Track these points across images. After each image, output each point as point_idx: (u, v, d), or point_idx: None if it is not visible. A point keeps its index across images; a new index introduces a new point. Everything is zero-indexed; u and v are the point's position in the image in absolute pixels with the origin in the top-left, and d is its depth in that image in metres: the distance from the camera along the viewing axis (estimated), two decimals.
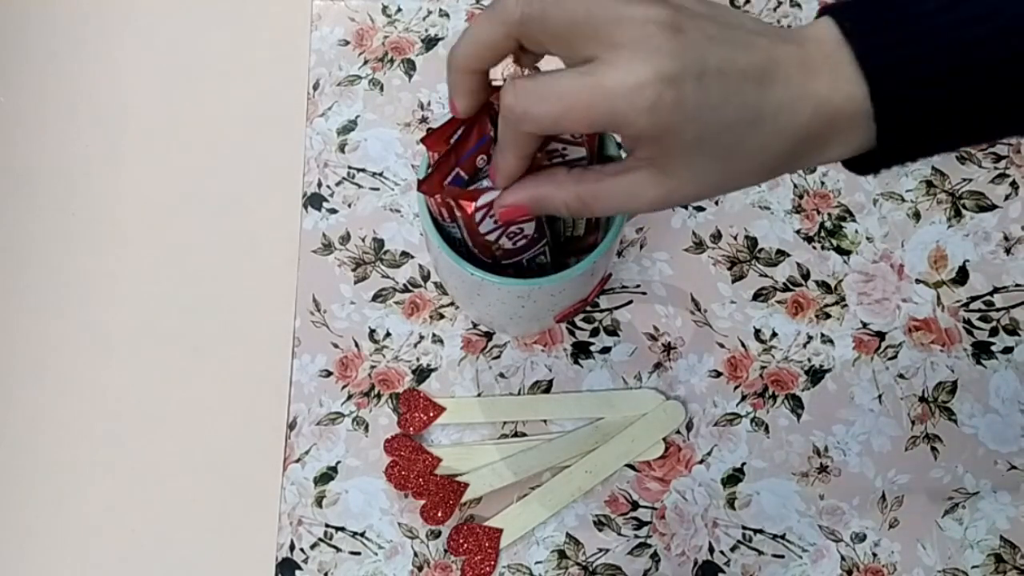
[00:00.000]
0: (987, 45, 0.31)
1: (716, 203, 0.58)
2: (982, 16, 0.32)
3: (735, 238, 0.58)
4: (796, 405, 0.54)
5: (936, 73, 0.32)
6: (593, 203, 0.36)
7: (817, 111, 0.33)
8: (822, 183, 0.59)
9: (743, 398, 0.55)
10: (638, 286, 0.57)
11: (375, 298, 0.57)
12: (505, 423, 0.54)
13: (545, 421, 0.54)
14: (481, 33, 0.36)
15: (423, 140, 0.43)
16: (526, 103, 0.33)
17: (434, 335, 0.56)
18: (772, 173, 0.35)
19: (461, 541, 0.51)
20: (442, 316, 0.56)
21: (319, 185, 0.59)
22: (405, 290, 0.57)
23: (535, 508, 0.52)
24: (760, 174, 0.35)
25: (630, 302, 0.57)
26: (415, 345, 0.56)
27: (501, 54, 0.36)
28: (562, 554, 0.52)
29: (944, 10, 0.32)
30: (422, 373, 0.55)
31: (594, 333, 0.56)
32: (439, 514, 0.51)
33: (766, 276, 0.57)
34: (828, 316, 0.56)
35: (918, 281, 0.57)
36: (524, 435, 0.54)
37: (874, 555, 0.52)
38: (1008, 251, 0.57)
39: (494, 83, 0.39)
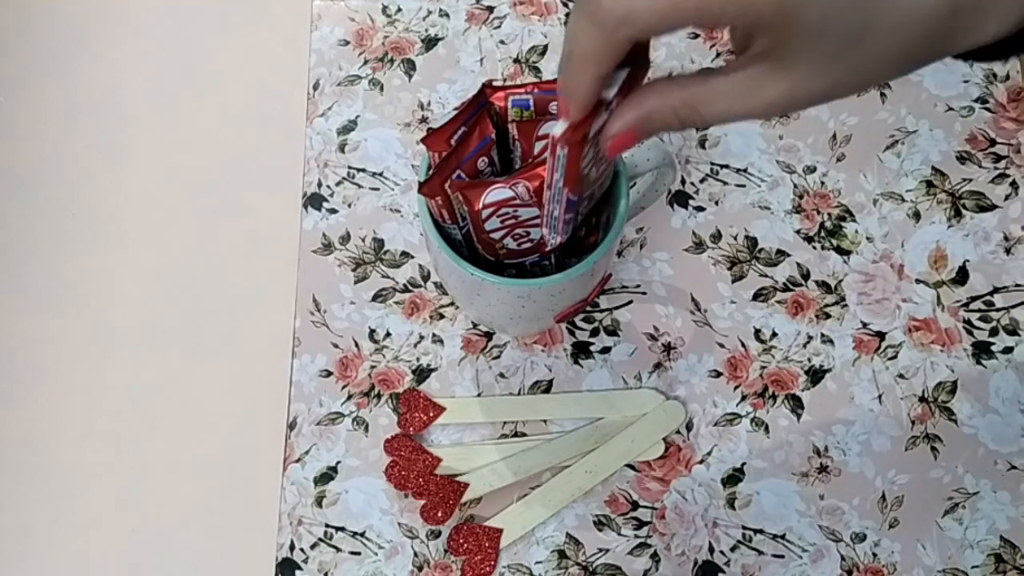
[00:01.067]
0: None
1: (716, 203, 0.58)
2: None
3: (735, 238, 0.58)
4: (796, 405, 0.54)
5: None
6: (705, 106, 0.31)
7: None
8: (822, 183, 0.59)
9: (743, 398, 0.55)
10: (638, 286, 0.57)
11: (375, 298, 0.57)
12: (505, 423, 0.54)
13: (545, 421, 0.54)
14: (586, 48, 0.31)
15: (423, 140, 0.43)
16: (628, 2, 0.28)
17: (434, 335, 0.56)
18: (915, 61, 0.30)
19: (461, 541, 0.51)
20: (442, 316, 0.56)
21: (319, 185, 0.59)
22: (405, 290, 0.57)
23: (535, 508, 0.52)
24: (901, 61, 0.30)
25: (630, 302, 0.57)
26: (415, 345, 0.56)
27: (618, 57, 0.31)
28: (562, 554, 0.52)
29: None
30: (422, 373, 0.55)
31: (594, 333, 0.56)
32: (439, 514, 0.51)
33: (766, 276, 0.57)
34: (828, 316, 0.56)
35: (918, 281, 0.57)
36: (524, 435, 0.54)
37: (874, 555, 0.52)
38: (1008, 251, 0.57)
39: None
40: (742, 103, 0.31)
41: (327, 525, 0.53)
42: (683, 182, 0.59)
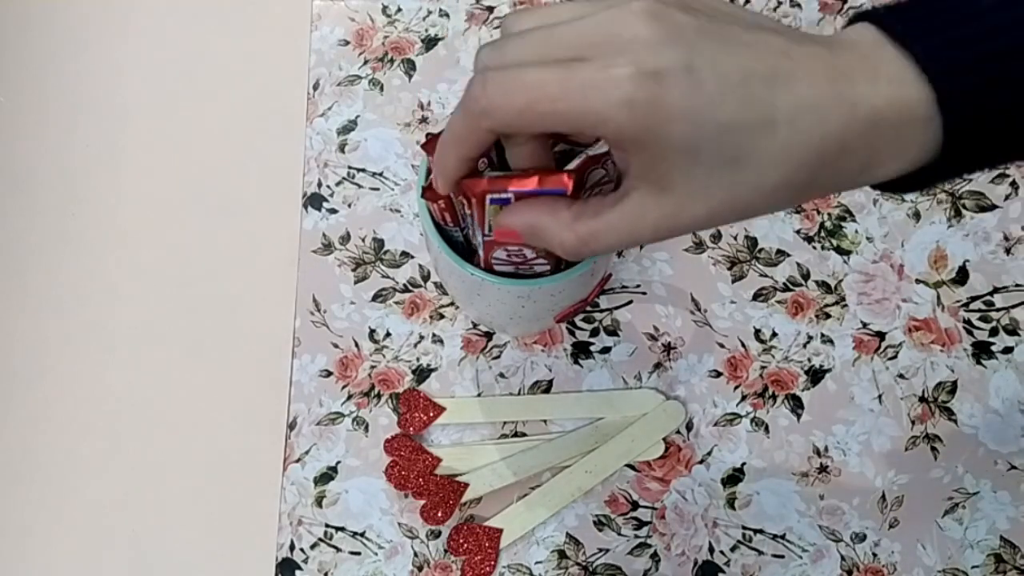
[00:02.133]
0: None
1: None
2: None
3: (735, 238, 0.58)
4: (796, 405, 0.54)
5: (1006, 71, 0.28)
6: (593, 242, 0.32)
7: (854, 117, 0.28)
8: None
9: (743, 398, 0.55)
10: (638, 286, 0.57)
11: (375, 298, 0.57)
12: (505, 423, 0.54)
13: (545, 421, 0.54)
14: (458, 131, 0.33)
15: (424, 146, 0.43)
16: (492, 94, 0.30)
17: (434, 335, 0.56)
18: (802, 192, 0.30)
19: (461, 541, 0.51)
20: (442, 316, 0.56)
21: (319, 185, 0.59)
22: (405, 290, 0.57)
23: (535, 508, 0.52)
24: (785, 192, 0.29)
25: (630, 302, 0.57)
26: (415, 345, 0.56)
27: (485, 146, 0.33)
28: (562, 554, 0.52)
29: (999, 8, 0.28)
30: (422, 373, 0.55)
31: (594, 333, 0.56)
32: (439, 514, 0.51)
33: (766, 276, 0.57)
34: (828, 316, 0.56)
35: (918, 281, 0.57)
36: (524, 435, 0.54)
37: (874, 555, 0.52)
38: (1008, 251, 0.57)
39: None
40: (630, 234, 0.31)
41: (327, 525, 0.53)
42: None
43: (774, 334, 0.56)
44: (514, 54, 0.30)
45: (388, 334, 0.56)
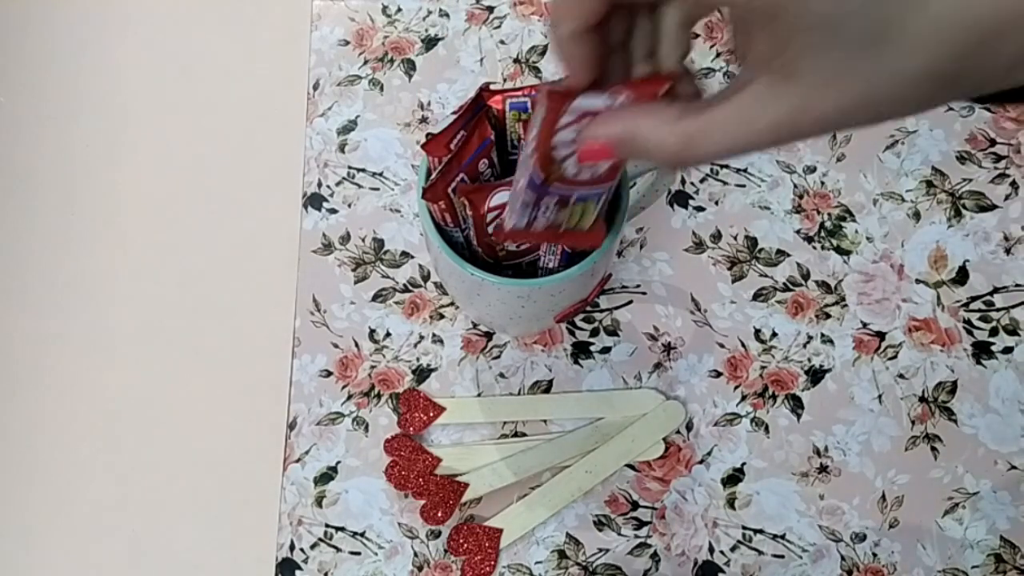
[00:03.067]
0: None
1: (716, 203, 0.58)
2: None
3: (735, 238, 0.58)
4: (796, 405, 0.54)
5: None
6: (701, 144, 0.27)
7: None
8: (822, 183, 0.59)
9: (743, 398, 0.55)
10: (638, 286, 0.57)
11: (375, 298, 0.57)
12: (505, 423, 0.54)
13: (545, 421, 0.54)
14: None
15: (424, 146, 0.43)
16: None
17: (434, 335, 0.56)
18: (946, 87, 0.25)
19: (461, 541, 0.51)
20: (442, 316, 0.56)
21: (319, 185, 0.59)
22: (405, 290, 0.57)
23: (535, 508, 0.52)
24: (928, 86, 0.24)
25: (630, 302, 0.57)
26: (415, 345, 0.56)
27: None
28: (562, 554, 0.52)
29: None
30: (422, 373, 0.55)
31: (594, 333, 0.56)
32: (439, 514, 0.51)
33: (766, 276, 0.57)
34: (828, 316, 0.56)
35: (918, 281, 0.57)
36: (524, 435, 0.54)
37: (874, 555, 0.52)
38: (1008, 251, 0.57)
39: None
40: (744, 130, 0.27)
41: (327, 525, 0.53)
42: (683, 182, 0.59)
43: (774, 334, 0.56)
44: None
45: (388, 334, 0.56)
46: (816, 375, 0.55)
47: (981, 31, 0.24)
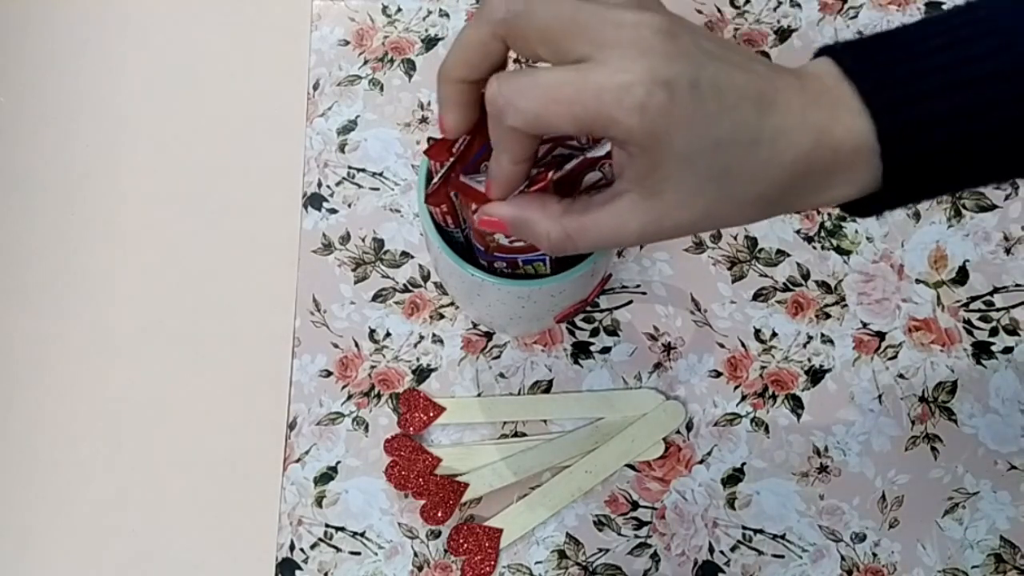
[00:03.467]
0: (994, 83, 0.31)
1: None
2: (985, 55, 0.31)
3: (735, 238, 0.58)
4: (796, 405, 0.54)
5: (942, 110, 0.31)
6: (578, 238, 0.34)
7: (819, 143, 0.32)
8: None
9: (743, 398, 0.55)
10: (638, 286, 0.57)
11: (375, 298, 0.57)
12: (505, 423, 0.54)
13: (545, 421, 0.54)
14: (467, 36, 0.34)
15: (426, 152, 0.43)
16: (508, 94, 0.32)
17: (434, 335, 0.56)
18: (770, 207, 0.33)
19: (461, 541, 0.51)
20: (442, 316, 0.56)
21: (319, 185, 0.59)
22: (405, 290, 0.57)
23: (535, 508, 0.52)
24: (757, 206, 0.33)
25: (630, 302, 0.57)
26: (415, 345, 0.56)
27: (491, 59, 0.34)
28: (562, 554, 0.52)
29: (946, 48, 0.31)
30: (422, 373, 0.55)
31: (594, 333, 0.56)
32: (439, 514, 0.51)
33: (766, 276, 0.57)
34: (828, 316, 0.56)
35: (918, 281, 0.57)
36: (524, 435, 0.54)
37: (874, 555, 0.52)
38: (1008, 251, 0.57)
39: None
40: (614, 233, 0.33)
41: (327, 525, 0.53)
42: None
43: (774, 334, 0.56)
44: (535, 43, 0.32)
45: (388, 334, 0.56)
46: (816, 375, 0.55)
47: (795, 170, 0.32)
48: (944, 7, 0.62)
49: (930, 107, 0.31)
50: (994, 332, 0.56)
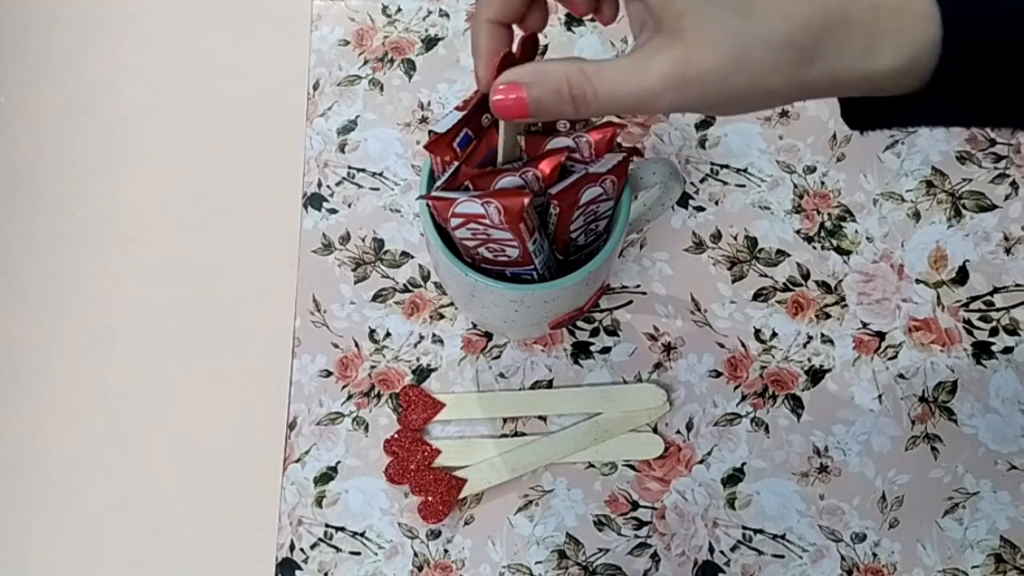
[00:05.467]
0: None
1: (716, 203, 0.58)
2: None
3: (735, 238, 0.58)
4: (796, 405, 0.54)
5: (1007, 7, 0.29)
6: (598, 78, 0.32)
7: None
8: (822, 183, 0.59)
9: (743, 398, 0.55)
10: (638, 286, 0.57)
11: (375, 298, 0.57)
12: (505, 422, 0.54)
13: (544, 420, 0.54)
14: None
15: (427, 146, 0.43)
16: None
17: (434, 335, 0.56)
18: (808, 57, 0.30)
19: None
20: (442, 316, 0.56)
21: (319, 185, 0.59)
22: (405, 290, 0.57)
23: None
24: (790, 53, 0.30)
25: (630, 302, 0.57)
26: (415, 345, 0.56)
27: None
28: (562, 554, 0.52)
29: None
30: (422, 373, 0.55)
31: (594, 333, 0.56)
32: (441, 509, 0.51)
33: (766, 276, 0.57)
34: (828, 316, 0.56)
35: (918, 281, 0.57)
36: (524, 435, 0.54)
37: (874, 555, 0.52)
38: (1008, 251, 0.57)
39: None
40: (635, 78, 0.31)
41: (327, 525, 0.53)
42: (683, 182, 0.59)
43: (774, 334, 0.56)
44: None
45: (388, 334, 0.56)
46: (816, 375, 0.55)
47: (828, 13, 0.29)
48: None
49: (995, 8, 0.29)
50: (994, 332, 0.56)
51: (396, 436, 0.53)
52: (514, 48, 0.37)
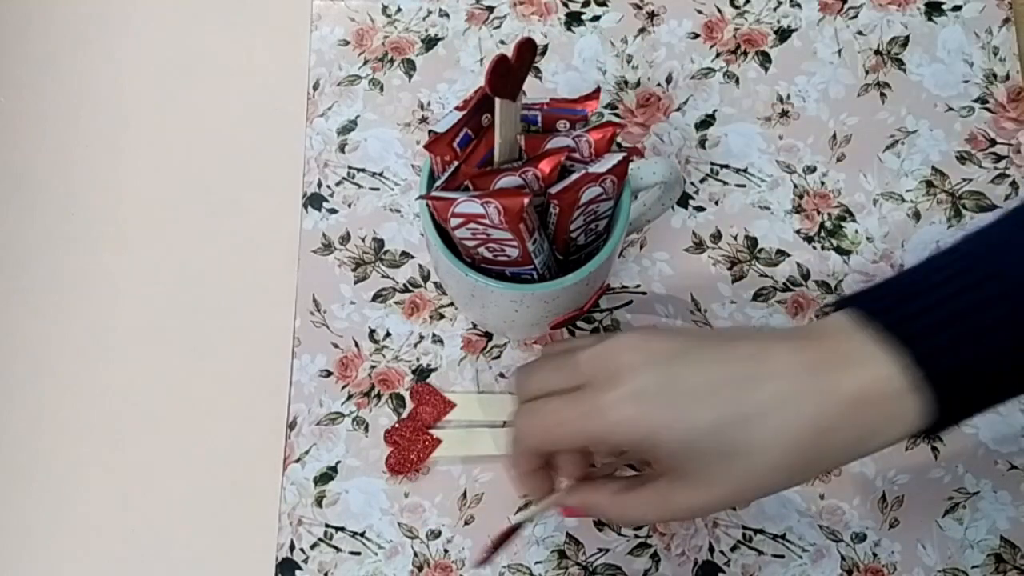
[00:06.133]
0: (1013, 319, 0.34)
1: (716, 203, 0.58)
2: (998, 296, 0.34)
3: (735, 238, 0.58)
4: None
5: (973, 325, 0.34)
6: (634, 515, 0.40)
7: (829, 402, 0.34)
8: (822, 183, 0.59)
9: None
10: (638, 286, 0.57)
11: (375, 298, 0.57)
12: (505, 423, 0.54)
13: None
14: (518, 464, 0.41)
15: (427, 146, 0.43)
16: (520, 426, 0.39)
17: (434, 335, 0.56)
18: (806, 467, 0.35)
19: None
20: (442, 316, 0.56)
21: (319, 185, 0.59)
22: (405, 290, 0.57)
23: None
24: (785, 472, 0.35)
25: (630, 302, 0.57)
26: (415, 345, 0.56)
27: (539, 459, 0.41)
28: (562, 554, 0.52)
29: (969, 289, 0.35)
30: (422, 373, 0.55)
31: (594, 333, 0.56)
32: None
33: (766, 276, 0.57)
34: (828, 316, 0.56)
35: None
36: None
37: (874, 555, 0.52)
38: None
39: None
40: (660, 512, 0.38)
41: (327, 525, 0.53)
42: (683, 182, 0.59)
43: None
44: (536, 385, 0.39)
45: (388, 334, 0.56)
46: None
47: (805, 434, 0.34)
48: (943, 6, 0.62)
49: (963, 327, 0.34)
50: None
51: (397, 426, 0.53)
52: (509, 53, 0.37)
